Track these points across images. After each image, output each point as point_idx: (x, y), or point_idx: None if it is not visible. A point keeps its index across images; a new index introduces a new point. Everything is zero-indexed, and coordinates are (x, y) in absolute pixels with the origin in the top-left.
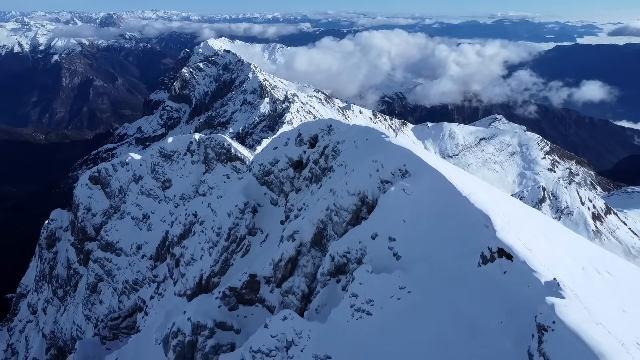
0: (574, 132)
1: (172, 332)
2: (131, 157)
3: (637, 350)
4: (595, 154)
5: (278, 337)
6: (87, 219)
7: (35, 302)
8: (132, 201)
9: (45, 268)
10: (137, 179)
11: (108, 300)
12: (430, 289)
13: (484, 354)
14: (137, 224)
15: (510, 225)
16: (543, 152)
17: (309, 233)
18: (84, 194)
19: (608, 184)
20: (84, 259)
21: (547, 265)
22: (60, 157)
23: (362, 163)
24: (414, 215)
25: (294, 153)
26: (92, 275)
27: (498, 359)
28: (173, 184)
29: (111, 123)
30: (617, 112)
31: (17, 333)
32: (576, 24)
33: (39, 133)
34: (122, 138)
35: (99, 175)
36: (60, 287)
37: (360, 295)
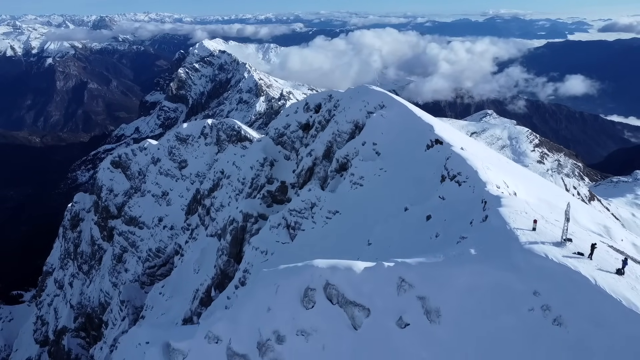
0: (565, 127)
1: (228, 221)
2: (149, 142)
3: (488, 170)
4: (587, 147)
5: (305, 201)
6: (109, 199)
7: (61, 278)
8: (151, 180)
9: (69, 247)
10: (156, 161)
11: (133, 268)
12: (397, 167)
13: (424, 187)
14: (157, 200)
15: (446, 133)
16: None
17: (321, 150)
18: (106, 177)
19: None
20: (108, 235)
21: (462, 146)
22: (57, 160)
23: (355, 103)
24: (388, 129)
25: (302, 118)
26: (117, 247)
27: (430, 185)
28: (189, 164)
29: (106, 125)
30: (608, 107)
31: (46, 306)
32: (567, 21)
33: (35, 136)
34: (120, 139)
35: (120, 160)
36: (85, 263)
37: (356, 174)
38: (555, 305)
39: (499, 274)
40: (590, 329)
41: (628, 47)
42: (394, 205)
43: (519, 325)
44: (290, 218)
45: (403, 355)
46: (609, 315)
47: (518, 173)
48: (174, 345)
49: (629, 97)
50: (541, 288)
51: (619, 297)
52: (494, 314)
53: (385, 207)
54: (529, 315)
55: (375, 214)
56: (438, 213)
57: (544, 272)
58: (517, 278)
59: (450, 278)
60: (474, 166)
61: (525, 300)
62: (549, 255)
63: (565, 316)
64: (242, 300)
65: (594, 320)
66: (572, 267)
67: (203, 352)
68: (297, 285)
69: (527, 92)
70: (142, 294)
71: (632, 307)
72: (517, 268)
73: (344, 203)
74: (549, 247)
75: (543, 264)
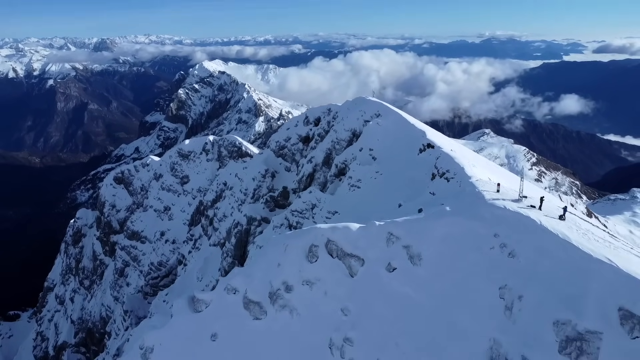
0: (562, 146)
1: (233, 224)
2: (151, 159)
3: (474, 167)
4: (584, 166)
5: (306, 202)
6: (112, 215)
7: (62, 294)
8: (154, 196)
9: (71, 262)
10: (158, 176)
11: (135, 282)
12: (392, 170)
13: (417, 186)
14: (159, 215)
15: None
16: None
17: (321, 157)
18: (109, 193)
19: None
20: (110, 250)
21: (452, 148)
22: (56, 180)
23: (352, 113)
24: (383, 136)
25: (302, 131)
26: (119, 261)
27: (422, 183)
28: (191, 179)
29: (106, 146)
30: (604, 127)
31: (46, 322)
32: (562, 42)
33: (35, 157)
34: (120, 159)
35: (123, 176)
36: (87, 278)
37: (354, 177)
38: (510, 242)
39: (467, 223)
40: (536, 257)
41: (622, 67)
42: (389, 203)
43: (483, 260)
44: (292, 218)
45: (391, 293)
46: (549, 246)
47: (503, 173)
48: (198, 296)
49: (624, 116)
50: (500, 231)
51: (557, 232)
52: (463, 254)
53: (381, 206)
54: (490, 252)
55: (371, 212)
56: (429, 206)
57: (502, 219)
58: (482, 225)
59: (430, 229)
60: (461, 164)
61: (488, 241)
62: (507, 206)
63: (517, 250)
64: (255, 259)
65: (539, 251)
66: (524, 213)
67: (223, 301)
68: (302, 244)
69: (524, 112)
70: (145, 304)
71: (566, 239)
72: (482, 217)
73: (343, 204)
74: (508, 202)
75: (502, 213)
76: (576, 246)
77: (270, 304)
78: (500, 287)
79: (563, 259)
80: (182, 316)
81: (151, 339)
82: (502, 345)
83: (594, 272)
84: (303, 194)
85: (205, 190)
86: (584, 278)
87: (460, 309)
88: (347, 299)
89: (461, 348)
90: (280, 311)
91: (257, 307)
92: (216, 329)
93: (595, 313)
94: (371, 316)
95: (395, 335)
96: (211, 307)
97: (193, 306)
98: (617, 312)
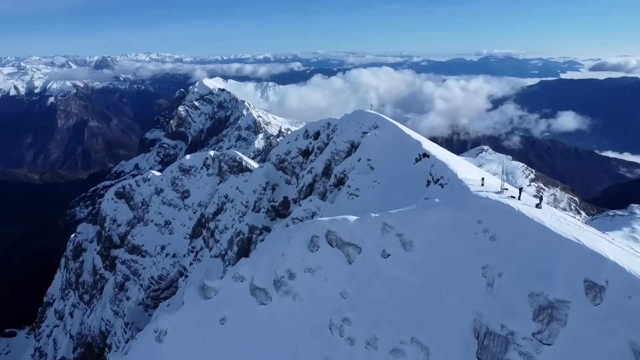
0: (561, 163)
1: (235, 233)
2: (152, 174)
3: (466, 174)
4: (583, 183)
5: (307, 210)
6: (113, 229)
7: (61, 309)
8: (154, 210)
9: (71, 277)
10: (159, 191)
11: (135, 296)
12: (389, 179)
13: (413, 193)
14: (159, 229)
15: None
16: (528, 180)
17: (320, 168)
18: (110, 208)
19: (592, 209)
20: (110, 265)
21: (446, 157)
22: (55, 197)
23: (351, 125)
24: (381, 146)
25: (302, 144)
26: (119, 275)
27: (418, 190)
28: (191, 194)
29: (105, 163)
30: (602, 143)
31: (45, 337)
32: (559, 60)
33: (34, 173)
34: (119, 175)
35: (124, 191)
36: (87, 292)
37: (352, 186)
38: (492, 227)
39: (454, 212)
40: (514, 239)
41: (618, 85)
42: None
43: (468, 244)
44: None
45: (385, 277)
46: (525, 229)
47: (497, 180)
48: (207, 284)
49: (621, 133)
50: (483, 218)
51: (533, 217)
52: (450, 239)
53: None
54: (474, 237)
55: None
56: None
57: (485, 208)
58: (467, 214)
59: (421, 219)
60: (454, 170)
61: (472, 228)
62: (490, 197)
63: (498, 234)
64: (260, 250)
65: (516, 234)
66: (504, 202)
67: (231, 288)
68: (304, 235)
69: (522, 129)
70: (146, 316)
71: (540, 223)
72: (467, 207)
73: (342, 211)
74: (490, 194)
75: (485, 203)
76: (549, 228)
77: (274, 290)
78: (483, 267)
79: (537, 239)
80: (193, 302)
81: (165, 323)
82: (484, 317)
83: (564, 250)
84: (303, 202)
85: (206, 205)
86: (554, 255)
87: (447, 288)
88: (345, 283)
89: (448, 321)
90: (284, 297)
91: (263, 293)
92: (225, 313)
93: (564, 285)
94: (367, 298)
95: (389, 313)
96: (220, 294)
97: (203, 293)
98: (583, 284)
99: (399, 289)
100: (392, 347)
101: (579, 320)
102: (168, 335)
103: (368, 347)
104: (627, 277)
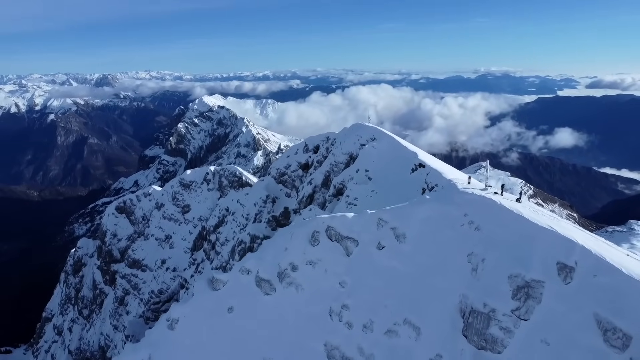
0: (559, 179)
1: (237, 242)
2: (153, 189)
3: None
4: (581, 199)
5: (306, 219)
6: (113, 244)
7: (60, 324)
8: (155, 225)
9: (70, 292)
10: (160, 206)
11: (134, 310)
12: (386, 189)
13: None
14: (160, 244)
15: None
16: (527, 196)
17: (320, 179)
18: (110, 222)
19: (591, 225)
20: (110, 279)
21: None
22: (54, 214)
23: (349, 138)
24: (378, 158)
25: (302, 158)
26: (119, 290)
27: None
28: (192, 208)
29: (104, 179)
30: (600, 160)
31: (43, 353)
32: (556, 78)
33: (33, 190)
34: (119, 192)
35: (125, 205)
36: (86, 307)
37: (351, 196)
38: (476, 219)
39: (443, 207)
40: (496, 229)
41: (615, 102)
42: None
43: (455, 235)
44: None
45: (380, 266)
46: (506, 220)
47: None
48: (216, 277)
49: (618, 149)
50: (469, 211)
51: (512, 209)
52: (439, 231)
53: None
54: (461, 229)
55: None
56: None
57: (470, 202)
58: (455, 208)
59: (413, 213)
60: (448, 177)
61: (459, 220)
62: (475, 192)
63: (482, 225)
64: (265, 246)
65: (498, 224)
66: (487, 196)
67: (238, 280)
68: (306, 231)
69: (519, 145)
70: (146, 329)
71: (519, 213)
72: (455, 202)
73: None
74: (476, 190)
75: (470, 197)
76: (526, 218)
77: (278, 282)
78: (468, 254)
79: (516, 228)
80: (202, 294)
81: (176, 312)
82: (469, 298)
83: (539, 236)
84: (304, 211)
85: (207, 219)
86: (531, 241)
87: (436, 274)
88: (344, 274)
89: (437, 303)
90: (287, 287)
91: (268, 284)
92: (232, 303)
93: (539, 267)
94: (364, 286)
95: (384, 299)
96: (227, 285)
97: (212, 285)
98: (556, 265)
99: (393, 277)
100: (386, 329)
101: (551, 298)
102: (179, 323)
103: (365, 330)
104: (593, 258)
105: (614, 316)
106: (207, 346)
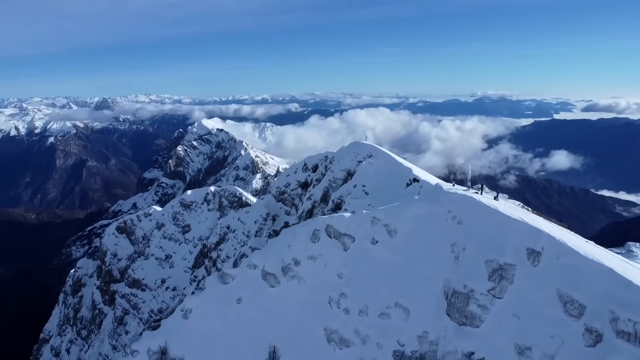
0: (557, 201)
1: (239, 255)
2: (154, 209)
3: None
4: (580, 221)
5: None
6: (113, 264)
7: (58, 345)
8: (155, 244)
9: (69, 312)
10: (160, 226)
11: (134, 330)
12: (382, 203)
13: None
14: (160, 263)
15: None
16: None
17: (319, 195)
18: (111, 242)
19: None
20: (109, 299)
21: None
22: (51, 236)
23: (347, 155)
24: (375, 173)
25: (301, 177)
26: (119, 309)
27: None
28: (192, 228)
29: (103, 202)
30: (597, 182)
31: None
32: (552, 101)
33: (31, 213)
34: (117, 214)
35: (125, 225)
36: (85, 328)
37: (348, 209)
38: (459, 215)
39: (430, 205)
40: (474, 222)
41: (610, 125)
42: None
43: (440, 229)
44: None
45: (374, 259)
46: (484, 214)
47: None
48: (226, 272)
49: (615, 172)
50: (452, 208)
51: (490, 205)
52: (426, 226)
53: None
54: (445, 223)
55: None
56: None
57: (454, 200)
58: (440, 206)
59: (403, 212)
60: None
61: (444, 216)
62: (458, 192)
63: (463, 219)
64: (270, 243)
65: (476, 218)
66: (469, 195)
67: (245, 274)
68: (308, 230)
69: (516, 168)
70: None
71: (495, 208)
72: (440, 201)
73: None
74: (459, 190)
75: (454, 196)
76: (501, 212)
77: (282, 275)
78: (451, 245)
79: (492, 221)
80: (213, 287)
81: (190, 303)
82: (451, 282)
83: (512, 227)
84: None
85: (207, 237)
86: (505, 231)
87: (424, 263)
88: (342, 266)
89: (424, 288)
90: (290, 280)
91: (273, 277)
92: (240, 295)
93: (511, 252)
94: (360, 276)
95: (377, 287)
96: (236, 279)
97: (222, 279)
98: (525, 251)
99: (386, 267)
100: (380, 312)
101: (522, 278)
102: (193, 313)
103: (360, 314)
104: (556, 243)
105: (572, 290)
106: (218, 333)
